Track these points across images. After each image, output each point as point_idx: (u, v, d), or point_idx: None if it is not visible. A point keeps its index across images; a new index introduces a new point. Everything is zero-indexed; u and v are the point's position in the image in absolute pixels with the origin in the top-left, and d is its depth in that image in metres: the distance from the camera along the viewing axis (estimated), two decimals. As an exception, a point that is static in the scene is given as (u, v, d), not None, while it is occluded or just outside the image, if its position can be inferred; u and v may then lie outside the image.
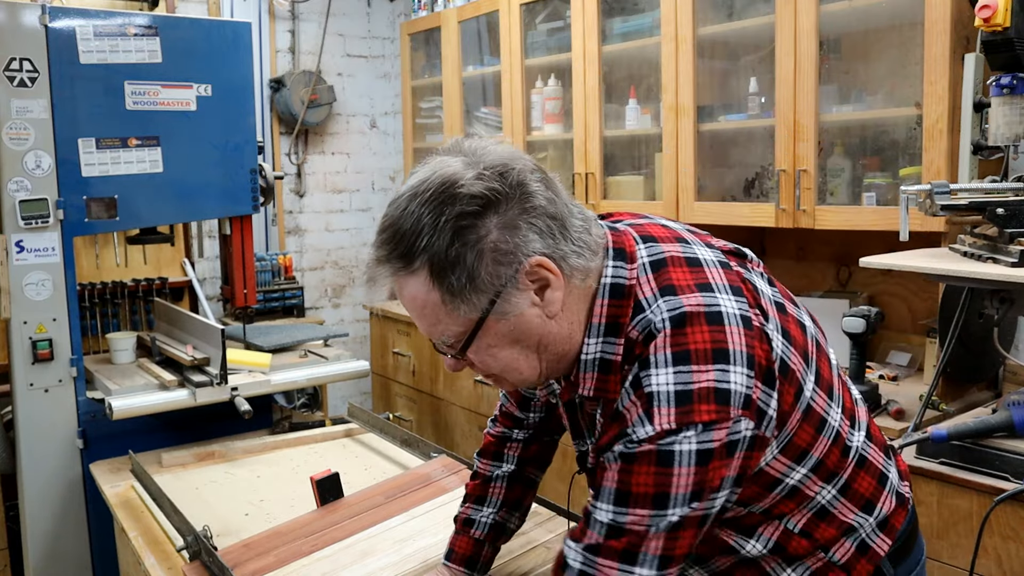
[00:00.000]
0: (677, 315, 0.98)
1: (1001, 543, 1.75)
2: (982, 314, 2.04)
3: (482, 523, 1.42)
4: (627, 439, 0.96)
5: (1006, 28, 1.83)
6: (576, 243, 1.01)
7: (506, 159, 1.00)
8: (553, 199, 1.00)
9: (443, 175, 0.98)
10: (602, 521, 0.98)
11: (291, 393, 3.02)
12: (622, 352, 1.02)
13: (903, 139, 2.40)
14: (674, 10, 2.78)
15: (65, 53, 2.46)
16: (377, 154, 4.78)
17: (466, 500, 1.46)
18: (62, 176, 2.48)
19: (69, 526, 2.56)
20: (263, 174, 2.80)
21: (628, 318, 1.02)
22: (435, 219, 0.96)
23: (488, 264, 0.97)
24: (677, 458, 0.94)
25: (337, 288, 4.73)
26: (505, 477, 1.43)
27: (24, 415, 2.50)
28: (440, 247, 0.96)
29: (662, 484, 0.95)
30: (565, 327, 1.04)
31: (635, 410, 0.96)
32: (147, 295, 3.20)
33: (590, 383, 1.05)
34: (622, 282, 1.04)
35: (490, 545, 1.43)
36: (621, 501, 0.97)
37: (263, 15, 4.33)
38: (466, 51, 3.86)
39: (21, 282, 2.45)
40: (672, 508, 0.95)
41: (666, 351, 0.97)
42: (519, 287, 0.99)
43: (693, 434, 0.94)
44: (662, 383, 0.96)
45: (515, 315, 1.01)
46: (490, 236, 0.97)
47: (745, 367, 0.97)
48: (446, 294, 0.99)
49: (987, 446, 1.78)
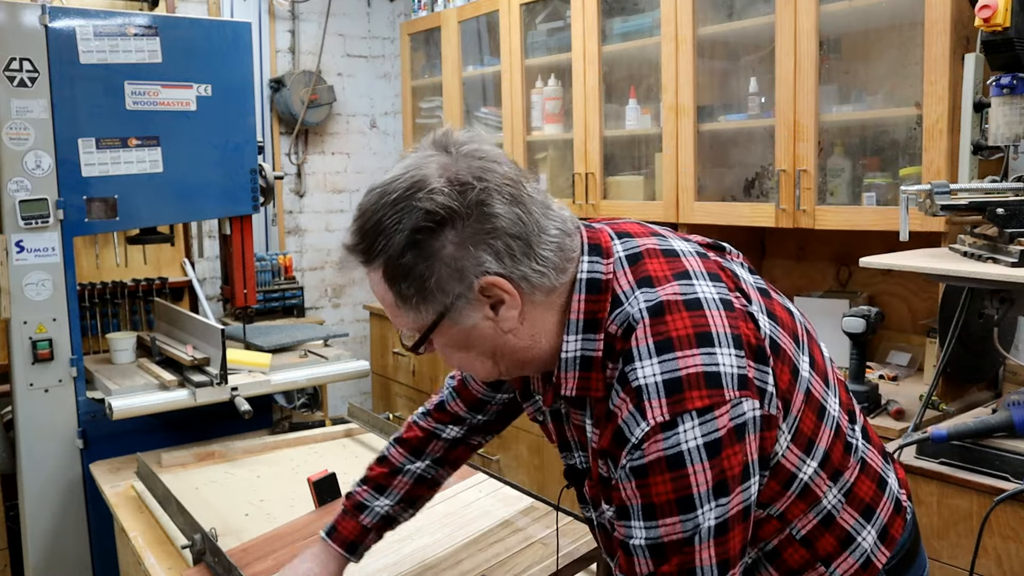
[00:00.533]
0: (655, 305, 0.98)
1: (1001, 543, 1.75)
2: (982, 314, 2.04)
3: (375, 512, 1.39)
4: (630, 447, 0.94)
5: (1006, 28, 1.83)
6: (540, 262, 0.99)
7: (478, 172, 0.97)
8: (520, 218, 0.98)
9: (412, 179, 0.97)
10: (640, 544, 0.96)
11: (291, 393, 3.02)
12: (602, 348, 1.00)
13: (903, 139, 2.40)
14: (674, 10, 2.78)
15: (65, 53, 2.46)
16: (377, 154, 4.78)
17: (364, 483, 1.42)
18: (62, 176, 2.48)
19: (69, 526, 2.56)
20: (263, 174, 2.80)
21: (606, 313, 1.01)
22: (394, 225, 0.97)
23: (440, 278, 0.97)
24: (687, 457, 0.92)
25: (337, 288, 4.73)
26: (415, 475, 1.41)
27: (24, 415, 2.50)
28: (394, 254, 0.97)
29: (681, 487, 0.93)
30: (525, 339, 1.03)
31: (625, 407, 0.95)
32: (147, 295, 3.20)
33: (572, 383, 1.03)
34: (599, 277, 1.02)
35: (376, 534, 1.41)
36: (649, 516, 0.95)
37: (263, 15, 4.34)
38: (466, 51, 3.86)
39: (21, 282, 2.45)
40: (700, 508, 0.93)
41: (648, 342, 0.95)
42: (472, 302, 0.99)
43: (692, 425, 0.92)
44: (648, 375, 0.94)
45: (468, 325, 1.01)
46: (444, 251, 0.96)
47: (732, 347, 0.96)
48: (398, 298, 1.00)
49: (987, 446, 1.78)
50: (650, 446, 0.93)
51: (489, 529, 1.61)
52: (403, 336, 1.07)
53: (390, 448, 1.44)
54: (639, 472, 0.94)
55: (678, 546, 0.94)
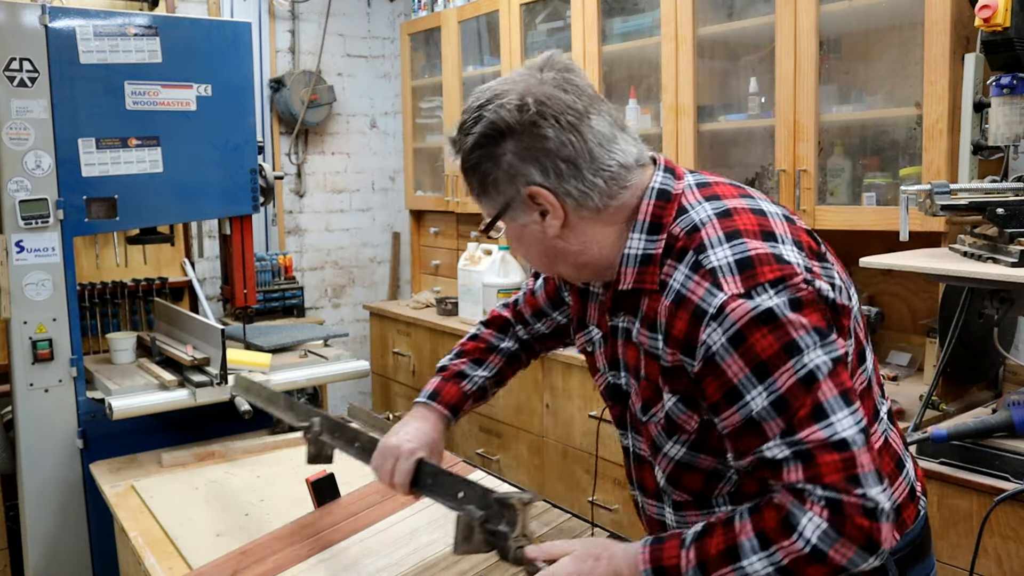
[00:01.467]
0: (722, 210, 1.09)
1: (1001, 543, 1.75)
2: (982, 314, 2.03)
3: (474, 380, 1.49)
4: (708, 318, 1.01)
5: (1006, 28, 1.83)
6: (586, 185, 1.10)
7: (544, 97, 1.09)
8: (572, 144, 1.09)
9: (495, 92, 1.12)
10: (765, 406, 1.00)
11: (291, 393, 3.02)
12: (663, 247, 1.11)
13: (903, 139, 2.40)
14: (674, 10, 2.78)
15: (65, 53, 2.46)
16: (377, 154, 4.78)
17: (460, 356, 1.52)
18: (62, 176, 2.48)
19: (69, 526, 2.56)
20: (263, 174, 2.80)
21: (671, 218, 1.12)
22: (470, 127, 1.12)
23: (497, 179, 1.12)
24: (777, 311, 0.99)
25: (337, 288, 4.73)
26: (506, 353, 1.53)
27: (24, 415, 2.49)
28: (467, 151, 1.14)
29: (780, 335, 0.99)
30: (575, 245, 1.15)
31: (700, 287, 1.03)
32: (147, 295, 3.20)
33: (630, 277, 1.13)
34: (668, 189, 1.14)
35: (472, 402, 1.50)
36: (761, 374, 1.00)
37: (263, 15, 4.34)
38: (466, 51, 3.85)
39: (21, 282, 2.45)
40: (806, 350, 0.99)
41: (717, 233, 1.06)
42: (522, 205, 1.13)
43: (768, 294, 1.00)
44: (720, 257, 1.03)
45: (521, 224, 1.15)
46: (504, 157, 1.11)
47: (794, 247, 1.05)
48: (470, 188, 1.18)
49: (987, 446, 1.78)
50: (734, 311, 1.00)
51: (489, 529, 1.60)
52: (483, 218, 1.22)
53: (480, 328, 1.57)
54: (736, 339, 1.00)
55: (801, 390, 0.99)
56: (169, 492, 2.10)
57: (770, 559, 1.00)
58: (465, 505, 1.24)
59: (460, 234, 4.06)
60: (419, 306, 4.02)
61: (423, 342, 3.79)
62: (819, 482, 0.98)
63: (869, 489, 0.98)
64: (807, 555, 0.98)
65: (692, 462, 1.15)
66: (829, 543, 0.98)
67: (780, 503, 1.01)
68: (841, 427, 0.99)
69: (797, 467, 0.99)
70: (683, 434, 1.13)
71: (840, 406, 0.99)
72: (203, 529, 1.88)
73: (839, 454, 0.98)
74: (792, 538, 0.99)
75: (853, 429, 0.99)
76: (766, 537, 1.01)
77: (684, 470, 1.17)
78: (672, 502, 1.21)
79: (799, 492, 1.00)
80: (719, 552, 1.03)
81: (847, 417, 0.99)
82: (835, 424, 0.99)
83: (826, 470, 0.98)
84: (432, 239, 4.28)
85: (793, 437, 0.99)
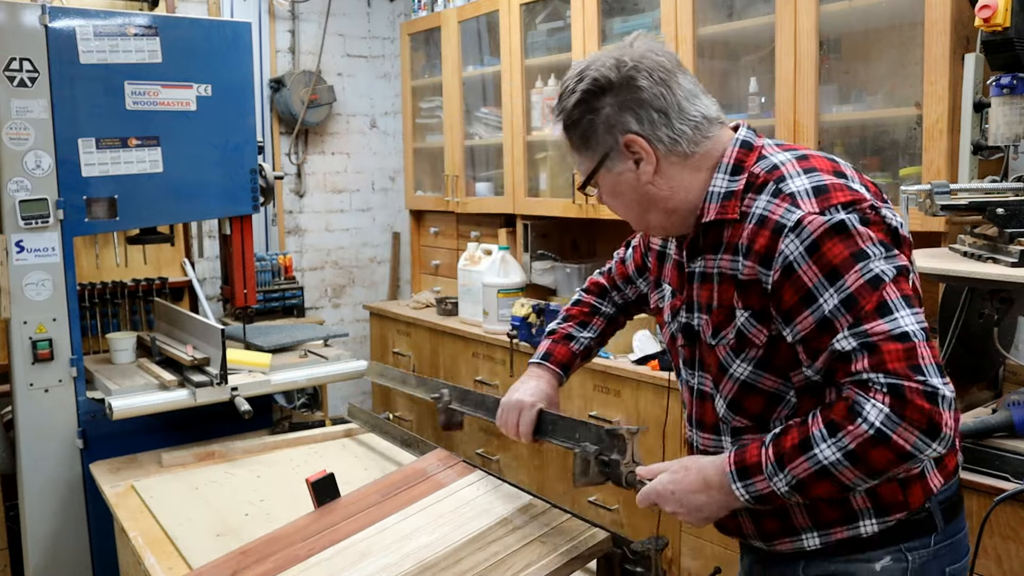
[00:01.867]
0: (799, 154, 1.26)
1: (1001, 543, 1.75)
2: (982, 314, 2.03)
3: (581, 341, 1.67)
4: (787, 231, 1.16)
5: (1006, 28, 1.83)
6: (675, 132, 1.26)
7: (637, 57, 1.27)
8: (663, 96, 1.26)
9: (592, 58, 1.30)
10: (835, 305, 1.14)
11: (291, 393, 3.02)
12: (743, 184, 1.25)
13: (903, 139, 2.40)
14: (674, 10, 2.78)
15: (65, 53, 2.46)
16: (377, 154, 4.78)
17: (567, 320, 1.70)
18: (62, 176, 2.48)
19: (69, 526, 2.56)
20: (263, 174, 2.80)
21: (752, 161, 1.27)
22: (572, 88, 1.29)
23: (597, 131, 1.29)
24: (848, 224, 1.14)
25: (337, 288, 4.73)
26: (606, 316, 1.70)
27: (24, 415, 2.50)
28: (569, 108, 1.30)
29: (851, 244, 1.14)
30: (664, 190, 1.30)
31: (780, 207, 1.18)
32: (147, 295, 3.20)
33: (713, 211, 1.27)
34: (751, 141, 1.30)
35: (580, 360, 1.67)
36: (833, 277, 1.14)
37: (263, 15, 4.34)
38: (466, 51, 3.86)
39: (21, 282, 2.45)
40: (872, 257, 1.13)
41: (796, 167, 1.22)
42: (620, 154, 1.28)
43: (841, 213, 1.15)
44: (798, 184, 1.19)
45: (617, 173, 1.30)
46: (604, 111, 1.27)
47: (863, 187, 1.21)
48: (571, 144, 1.34)
49: (987, 446, 1.78)
50: (810, 223, 1.15)
51: (487, 528, 1.60)
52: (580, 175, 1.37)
53: (582, 294, 1.73)
54: (812, 247, 1.15)
55: (867, 289, 1.12)
56: (169, 492, 2.11)
57: (838, 444, 1.11)
58: (581, 442, 1.44)
59: (460, 234, 4.06)
60: (419, 306, 4.02)
61: (423, 342, 3.79)
62: (883, 369, 1.10)
63: (930, 378, 1.09)
64: (871, 437, 1.09)
65: (756, 382, 1.28)
66: (892, 426, 1.08)
67: (848, 395, 1.13)
68: (904, 322, 1.11)
69: (863, 356, 1.11)
70: (752, 349, 1.26)
71: (903, 305, 1.12)
72: (203, 529, 1.89)
73: (901, 344, 1.10)
74: (857, 422, 1.10)
75: (915, 326, 1.11)
76: (834, 424, 1.12)
77: (747, 392, 1.29)
78: (731, 429, 1.34)
79: (864, 383, 1.11)
80: (793, 445, 1.16)
81: (909, 316, 1.12)
82: (899, 319, 1.11)
83: (889, 358, 1.10)
84: (432, 239, 4.28)
85: (860, 328, 1.12)
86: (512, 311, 3.13)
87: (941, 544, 1.26)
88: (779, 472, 1.16)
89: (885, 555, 1.24)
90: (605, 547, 1.46)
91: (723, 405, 1.33)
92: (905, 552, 1.24)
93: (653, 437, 2.65)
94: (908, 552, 1.24)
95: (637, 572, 1.42)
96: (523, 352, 3.13)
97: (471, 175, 3.91)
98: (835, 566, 1.26)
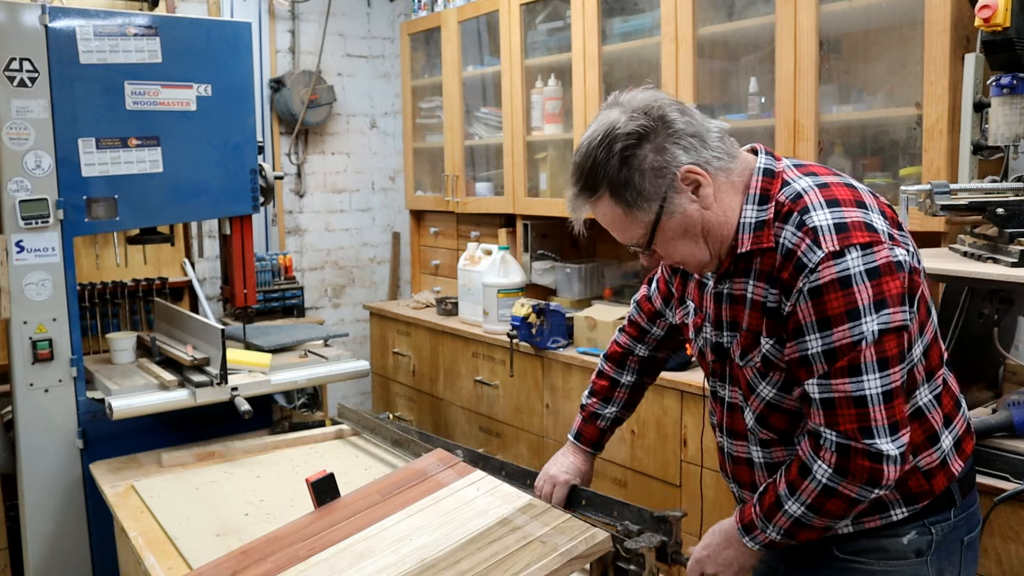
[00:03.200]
0: (819, 182, 1.32)
1: (1001, 543, 1.75)
2: (982, 314, 2.03)
3: (606, 417, 1.78)
4: (807, 271, 1.24)
5: (1006, 28, 1.83)
6: (715, 150, 1.32)
7: (649, 100, 1.31)
8: (690, 122, 1.31)
9: (605, 124, 1.31)
10: (817, 351, 1.26)
11: (291, 393, 3.02)
12: (772, 212, 1.32)
13: (903, 139, 2.40)
14: (674, 10, 2.78)
15: (65, 53, 2.46)
16: (377, 154, 4.78)
17: (592, 395, 1.80)
18: (62, 176, 2.48)
19: (69, 526, 2.56)
20: (263, 174, 2.80)
21: (776, 189, 1.34)
22: (606, 156, 1.30)
23: (650, 179, 1.30)
24: (854, 279, 1.22)
25: (337, 288, 4.73)
26: (628, 386, 1.78)
27: (24, 415, 2.50)
28: (613, 174, 1.30)
29: (850, 301, 1.23)
30: (720, 214, 1.34)
31: (803, 242, 1.26)
32: (147, 295, 3.20)
33: (748, 241, 1.34)
34: (772, 167, 1.36)
35: (610, 431, 1.80)
36: (824, 326, 1.25)
37: (263, 15, 4.34)
38: (466, 51, 3.85)
39: (21, 282, 2.45)
40: (864, 318, 1.22)
41: (819, 199, 1.29)
42: (677, 191, 1.31)
43: (857, 255, 1.23)
44: (822, 219, 1.26)
45: (680, 212, 1.32)
46: (647, 160, 1.29)
47: (879, 215, 1.28)
48: (625, 207, 1.32)
49: (987, 446, 1.78)
50: (824, 269, 1.23)
51: (487, 528, 1.60)
52: (635, 243, 1.37)
53: (603, 363, 1.82)
54: (815, 292, 1.25)
55: (847, 348, 1.24)
56: (169, 492, 2.11)
57: (799, 500, 1.32)
58: (622, 521, 1.56)
59: (460, 234, 4.06)
60: (419, 306, 4.02)
61: (423, 342, 3.79)
62: (835, 428, 1.27)
63: (878, 440, 1.25)
64: (822, 491, 1.29)
65: (780, 403, 1.39)
66: (837, 481, 1.28)
67: (800, 454, 1.33)
68: (868, 386, 1.24)
69: (820, 412, 1.28)
70: (776, 372, 1.36)
71: (874, 368, 1.24)
72: (203, 529, 1.89)
73: (855, 409, 1.25)
74: (807, 480, 1.30)
75: (878, 389, 1.24)
76: (793, 484, 1.33)
77: (772, 411, 1.41)
78: (759, 440, 1.45)
79: (817, 436, 1.29)
80: (770, 503, 1.36)
81: (876, 379, 1.24)
82: (863, 382, 1.24)
83: (843, 419, 1.26)
84: (432, 239, 4.28)
85: (827, 381, 1.26)
86: (512, 311, 3.13)
87: (959, 516, 1.40)
88: (768, 525, 1.36)
89: (911, 530, 1.38)
90: (605, 547, 1.46)
91: (752, 418, 1.45)
92: (928, 526, 1.38)
93: (653, 437, 2.65)
94: (931, 526, 1.38)
95: (631, 571, 1.43)
96: (523, 352, 3.13)
97: (471, 175, 3.91)
98: (866, 541, 1.39)
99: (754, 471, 1.48)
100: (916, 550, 1.38)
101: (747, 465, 1.50)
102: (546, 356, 3.05)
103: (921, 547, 1.38)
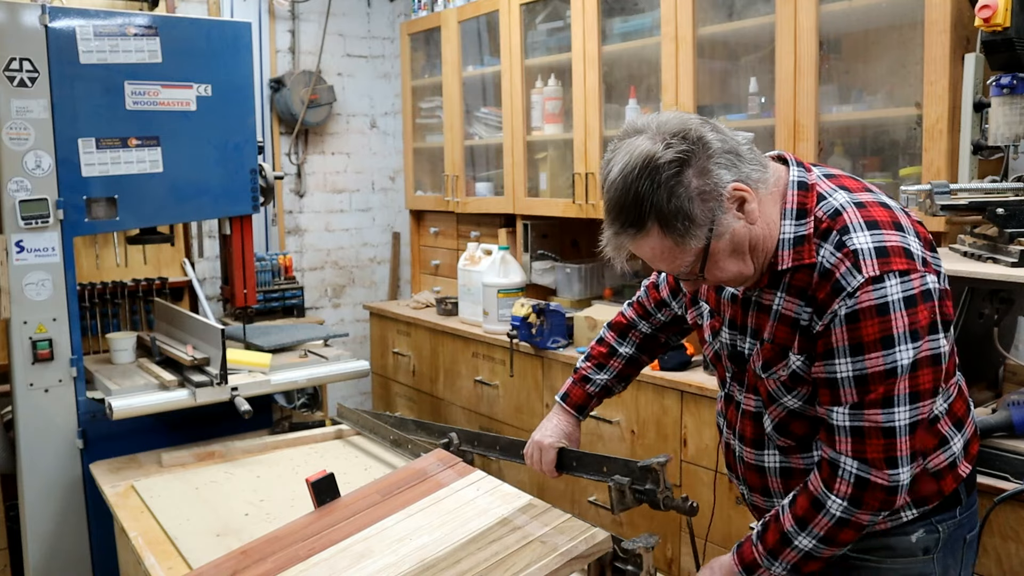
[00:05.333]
0: (856, 200, 1.30)
1: (1001, 543, 1.75)
2: (982, 314, 2.03)
3: (597, 383, 1.79)
4: (845, 295, 1.24)
5: (1006, 28, 1.83)
6: (751, 163, 1.30)
7: (681, 123, 1.27)
8: (723, 139, 1.28)
9: (641, 155, 1.25)
10: (847, 375, 1.26)
11: (291, 393, 3.02)
12: (812, 227, 1.31)
13: (903, 139, 2.40)
14: (674, 10, 2.78)
15: (65, 53, 2.46)
16: (377, 154, 4.78)
17: (588, 359, 1.81)
18: (62, 176, 2.48)
19: (69, 526, 2.56)
20: (263, 174, 2.80)
21: (813, 203, 1.32)
22: (649, 188, 1.24)
23: (698, 205, 1.25)
24: (891, 306, 1.22)
25: (337, 288, 4.73)
26: (625, 357, 1.79)
27: (24, 415, 2.50)
28: (661, 205, 1.24)
29: (885, 328, 1.22)
30: (764, 227, 1.32)
31: (843, 264, 1.25)
32: (147, 295, 3.20)
33: (788, 258, 1.32)
34: (805, 180, 1.35)
35: (597, 400, 1.80)
36: (856, 352, 1.25)
37: (263, 15, 4.34)
38: (466, 51, 3.85)
39: (21, 282, 2.45)
40: (899, 346, 1.22)
41: (859, 220, 1.27)
42: (725, 211, 1.28)
43: (895, 282, 1.22)
44: (862, 242, 1.25)
45: (728, 232, 1.29)
46: (692, 184, 1.25)
47: (914, 237, 1.28)
48: (677, 237, 1.27)
49: (987, 446, 1.78)
50: (863, 295, 1.23)
51: (487, 528, 1.60)
52: (684, 272, 1.33)
53: (605, 331, 1.82)
54: (852, 317, 1.24)
55: (880, 377, 1.24)
56: (169, 492, 2.11)
57: (810, 534, 1.32)
58: (612, 476, 1.60)
59: (460, 234, 4.06)
60: (419, 306, 4.02)
61: (423, 342, 3.79)
62: (860, 457, 1.27)
63: (900, 470, 1.27)
64: (836, 524, 1.30)
65: (805, 412, 1.39)
66: (851, 513, 1.29)
67: (811, 488, 1.33)
68: (899, 418, 1.25)
69: (848, 440, 1.28)
70: (803, 387, 1.36)
71: (905, 401, 1.24)
72: (203, 529, 1.89)
73: (884, 440, 1.26)
74: (820, 515, 1.31)
75: (907, 420, 1.25)
76: (803, 520, 1.33)
77: (794, 418, 1.41)
78: (777, 447, 1.46)
79: (833, 467, 1.30)
80: (776, 541, 1.35)
81: (906, 411, 1.25)
82: (895, 414, 1.25)
83: (871, 448, 1.27)
84: (432, 239, 4.27)
85: (859, 410, 1.26)
86: (512, 311, 3.13)
87: (964, 515, 1.43)
88: (774, 562, 1.36)
89: (920, 528, 1.39)
90: (605, 547, 1.46)
91: (771, 425, 1.45)
92: (936, 524, 1.40)
93: (653, 437, 2.65)
94: (938, 524, 1.40)
95: (628, 571, 1.43)
96: (523, 352, 3.13)
97: (471, 175, 3.91)
98: (874, 540, 1.39)
99: (767, 476, 1.48)
100: (924, 548, 1.40)
101: (760, 471, 1.50)
102: (546, 356, 3.05)
103: (929, 545, 1.40)
